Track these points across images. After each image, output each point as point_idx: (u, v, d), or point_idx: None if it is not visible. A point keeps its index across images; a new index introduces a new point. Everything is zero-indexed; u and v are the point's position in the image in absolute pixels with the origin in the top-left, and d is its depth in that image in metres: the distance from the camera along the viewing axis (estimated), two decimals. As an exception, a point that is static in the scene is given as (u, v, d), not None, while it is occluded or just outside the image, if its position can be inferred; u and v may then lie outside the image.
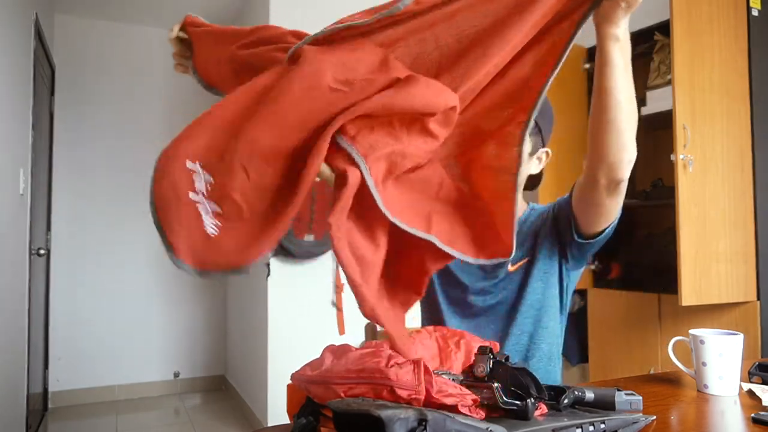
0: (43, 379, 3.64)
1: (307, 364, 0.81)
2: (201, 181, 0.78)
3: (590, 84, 3.28)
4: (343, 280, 3.29)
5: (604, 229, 1.12)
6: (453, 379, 0.77)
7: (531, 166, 1.22)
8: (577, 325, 3.21)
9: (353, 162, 0.77)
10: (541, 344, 1.20)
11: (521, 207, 1.28)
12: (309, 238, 3.10)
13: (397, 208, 0.82)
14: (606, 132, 0.95)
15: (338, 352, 0.81)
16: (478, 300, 1.25)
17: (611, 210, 1.07)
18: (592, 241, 1.13)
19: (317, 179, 0.94)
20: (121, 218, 4.15)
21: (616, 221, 1.12)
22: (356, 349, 0.79)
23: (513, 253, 0.85)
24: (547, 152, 1.24)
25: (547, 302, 1.20)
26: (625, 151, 0.97)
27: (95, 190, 4.09)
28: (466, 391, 0.75)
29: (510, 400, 0.76)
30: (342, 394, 0.72)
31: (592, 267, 3.06)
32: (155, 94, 4.29)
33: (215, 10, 3.94)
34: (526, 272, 1.20)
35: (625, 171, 0.99)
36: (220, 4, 3.86)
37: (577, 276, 1.25)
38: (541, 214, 1.24)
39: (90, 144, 4.08)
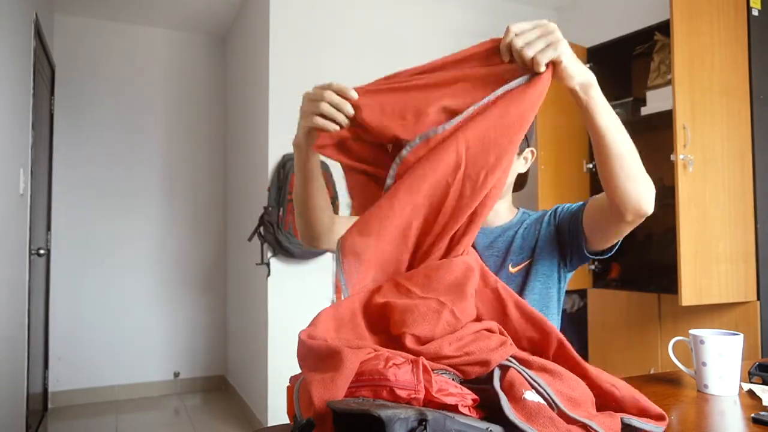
0: (43, 379, 3.64)
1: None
2: None
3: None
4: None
5: (614, 245, 1.15)
6: (453, 379, 0.77)
7: (518, 165, 1.23)
8: (577, 325, 3.21)
9: None
10: None
11: (511, 211, 1.30)
12: (309, 238, 3.09)
13: None
14: (619, 179, 0.95)
15: None
16: None
17: (627, 231, 1.09)
18: (602, 257, 1.18)
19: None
20: (122, 218, 4.15)
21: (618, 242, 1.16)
22: None
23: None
24: (532, 151, 1.25)
25: (545, 303, 1.21)
26: (644, 189, 0.97)
27: (95, 189, 4.09)
28: (466, 390, 0.75)
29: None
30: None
31: (592, 267, 3.06)
32: (155, 94, 4.29)
33: (214, 11, 3.94)
34: (527, 274, 1.21)
35: (651, 205, 0.99)
36: (220, 5, 3.86)
37: (570, 276, 1.28)
38: (538, 219, 1.26)
39: (90, 144, 4.08)
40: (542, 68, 0.85)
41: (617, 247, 1.16)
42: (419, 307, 0.83)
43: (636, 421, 0.77)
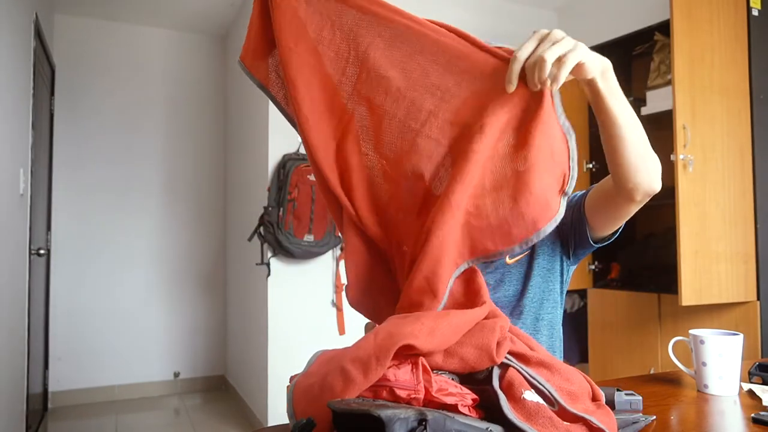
0: (43, 379, 3.64)
1: (303, 373, 0.80)
2: None
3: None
4: (343, 280, 3.29)
5: (617, 230, 1.15)
6: (453, 379, 0.77)
7: None
8: (577, 325, 3.21)
9: None
10: (541, 338, 1.20)
11: None
12: (309, 238, 3.10)
13: None
14: (634, 163, 0.94)
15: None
16: None
17: (632, 213, 1.09)
18: (604, 244, 1.17)
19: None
20: (121, 218, 4.15)
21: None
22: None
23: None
24: None
25: (545, 296, 1.21)
26: (655, 167, 0.97)
27: (95, 189, 4.09)
28: (466, 390, 0.75)
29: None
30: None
31: (592, 267, 3.06)
32: (155, 94, 4.29)
33: (214, 11, 3.94)
34: (529, 268, 1.21)
35: (660, 182, 0.99)
36: (220, 5, 3.86)
37: (573, 270, 1.27)
38: None
39: (90, 144, 4.08)
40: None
41: (619, 232, 1.15)
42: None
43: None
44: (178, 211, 4.33)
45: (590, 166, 3.05)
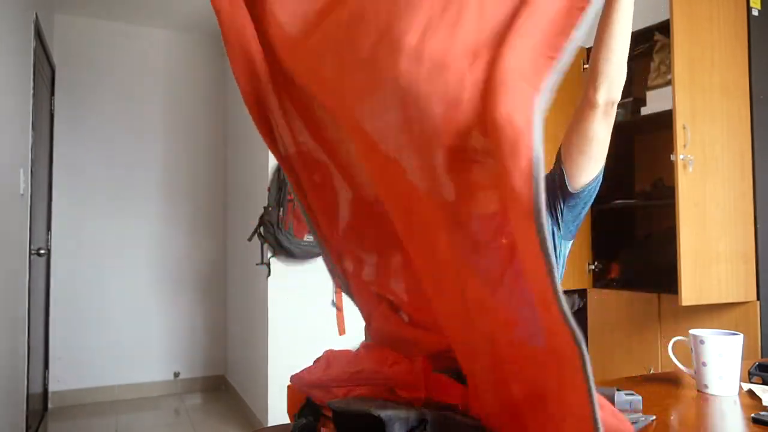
0: (43, 379, 3.64)
1: (305, 369, 0.81)
2: None
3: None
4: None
5: (592, 181, 1.15)
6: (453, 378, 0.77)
7: None
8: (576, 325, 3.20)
9: None
10: None
11: None
12: (309, 238, 3.10)
13: None
14: (613, 54, 1.01)
15: (337, 356, 0.81)
16: None
17: (602, 143, 1.11)
18: (582, 191, 1.16)
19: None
20: (122, 218, 4.15)
21: (600, 176, 1.15)
22: (355, 352, 0.80)
23: None
24: None
25: None
26: (624, 70, 1.04)
27: (95, 190, 4.09)
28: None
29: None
30: (342, 396, 0.72)
31: (592, 267, 3.06)
32: (155, 94, 4.29)
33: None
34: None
35: (620, 90, 1.06)
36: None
37: (569, 247, 1.26)
38: None
39: (90, 144, 4.08)
40: None
41: (596, 186, 1.15)
42: None
43: None
44: (178, 210, 4.33)
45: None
